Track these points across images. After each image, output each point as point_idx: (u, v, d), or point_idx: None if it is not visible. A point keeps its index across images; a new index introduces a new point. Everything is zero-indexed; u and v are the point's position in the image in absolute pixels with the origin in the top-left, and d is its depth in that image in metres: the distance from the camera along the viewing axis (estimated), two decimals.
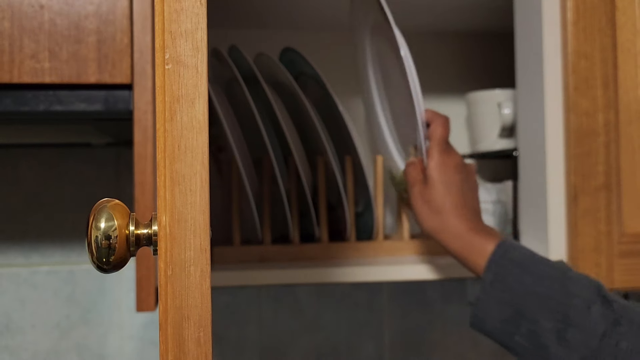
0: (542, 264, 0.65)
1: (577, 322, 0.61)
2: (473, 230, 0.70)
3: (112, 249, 0.37)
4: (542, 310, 0.62)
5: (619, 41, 0.78)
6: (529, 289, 0.63)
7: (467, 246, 0.69)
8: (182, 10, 0.35)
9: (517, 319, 0.63)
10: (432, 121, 0.77)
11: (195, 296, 0.34)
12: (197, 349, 0.34)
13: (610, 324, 0.60)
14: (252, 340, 1.11)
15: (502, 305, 0.64)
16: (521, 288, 0.64)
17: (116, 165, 1.08)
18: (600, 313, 0.60)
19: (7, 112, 0.64)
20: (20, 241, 1.05)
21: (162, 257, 0.34)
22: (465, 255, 0.69)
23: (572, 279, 0.63)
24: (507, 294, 0.64)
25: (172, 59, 0.35)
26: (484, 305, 0.66)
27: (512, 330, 0.64)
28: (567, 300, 0.62)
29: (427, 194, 0.73)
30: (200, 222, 0.34)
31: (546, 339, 0.61)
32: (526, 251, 0.67)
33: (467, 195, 0.73)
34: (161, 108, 0.35)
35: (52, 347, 1.05)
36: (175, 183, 0.34)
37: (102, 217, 0.37)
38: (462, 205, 0.72)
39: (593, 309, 0.61)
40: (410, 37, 1.15)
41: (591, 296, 0.62)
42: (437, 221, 0.71)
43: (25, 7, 0.63)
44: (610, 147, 0.77)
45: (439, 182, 0.72)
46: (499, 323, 0.65)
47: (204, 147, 0.35)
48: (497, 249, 0.67)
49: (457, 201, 0.72)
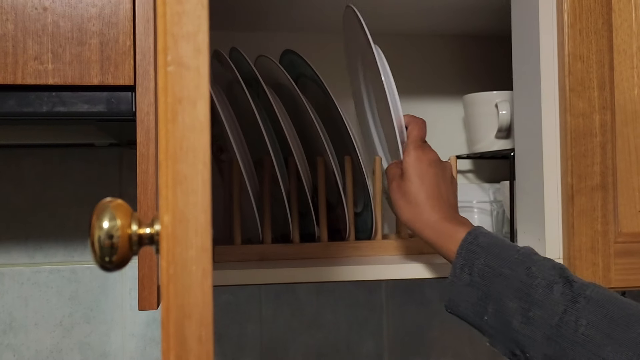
0: (508, 249, 0.68)
1: (539, 301, 0.63)
2: (446, 219, 0.73)
3: (114, 248, 0.37)
4: (507, 291, 0.65)
5: (615, 43, 0.78)
6: (495, 271, 0.66)
7: (440, 234, 0.72)
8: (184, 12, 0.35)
9: (485, 300, 0.66)
10: (409, 123, 0.81)
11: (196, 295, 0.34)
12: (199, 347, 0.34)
13: (570, 301, 0.62)
14: (252, 338, 1.11)
15: (472, 288, 0.67)
16: (488, 271, 0.66)
17: (119, 165, 1.08)
18: (561, 292, 0.63)
19: (10, 113, 0.64)
20: (24, 240, 1.06)
21: (164, 256, 0.34)
22: (439, 243, 0.72)
23: (536, 262, 0.66)
24: (475, 277, 0.67)
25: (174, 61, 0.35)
26: (455, 289, 0.69)
27: (482, 311, 0.67)
28: (530, 281, 0.64)
29: (403, 186, 0.76)
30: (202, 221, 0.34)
31: (511, 318, 0.64)
32: (494, 238, 0.70)
33: (442, 188, 0.76)
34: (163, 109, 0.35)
35: (55, 346, 1.06)
36: (177, 183, 0.34)
37: (105, 216, 0.37)
38: (436, 197, 0.75)
39: (555, 289, 0.63)
40: (409, 39, 1.15)
41: (554, 277, 0.64)
42: (413, 212, 0.75)
43: (29, 10, 0.63)
44: (607, 147, 0.78)
45: (414, 175, 0.76)
46: (470, 305, 0.68)
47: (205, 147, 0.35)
48: (467, 235, 0.70)
49: (431, 193, 0.75)
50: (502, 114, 0.97)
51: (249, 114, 0.85)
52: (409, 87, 1.15)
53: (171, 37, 0.35)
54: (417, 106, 1.15)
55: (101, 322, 1.07)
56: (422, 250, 0.89)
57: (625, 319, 0.61)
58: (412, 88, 1.15)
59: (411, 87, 1.15)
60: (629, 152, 0.78)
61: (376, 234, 0.89)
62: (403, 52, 1.15)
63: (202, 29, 0.35)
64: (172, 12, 0.35)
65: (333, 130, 0.90)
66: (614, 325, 0.60)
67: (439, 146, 1.12)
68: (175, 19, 0.35)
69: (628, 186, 0.78)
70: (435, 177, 0.76)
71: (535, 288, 0.64)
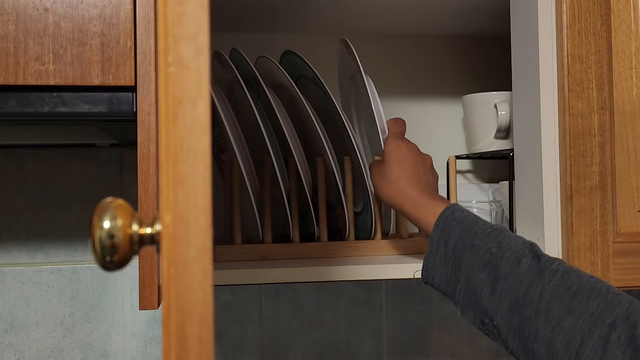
0: (481, 223, 0.70)
1: (508, 273, 0.66)
2: (425, 194, 0.76)
3: (115, 247, 0.37)
4: (478, 263, 0.67)
5: (614, 43, 0.79)
6: (467, 244, 0.69)
7: (419, 207, 0.75)
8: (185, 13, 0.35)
9: (457, 271, 0.69)
10: (390, 123, 0.85)
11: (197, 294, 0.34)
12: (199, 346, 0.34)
13: (536, 274, 0.65)
14: (252, 338, 1.12)
15: (447, 259, 0.70)
16: (461, 243, 0.69)
17: (119, 165, 1.09)
18: (529, 265, 0.65)
19: (12, 113, 0.64)
20: (25, 240, 1.06)
21: (165, 256, 0.34)
22: (418, 215, 0.75)
23: (507, 237, 0.68)
24: (450, 248, 0.70)
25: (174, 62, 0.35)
26: (432, 260, 0.71)
27: (455, 282, 0.69)
28: (500, 253, 0.67)
29: (383, 169, 0.80)
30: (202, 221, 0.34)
31: (481, 288, 0.67)
32: (470, 214, 0.72)
33: (421, 171, 0.80)
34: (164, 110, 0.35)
35: (56, 345, 1.06)
36: (178, 183, 0.34)
37: (106, 216, 0.37)
38: (416, 176, 0.78)
39: (523, 262, 0.66)
40: (409, 40, 1.16)
41: (523, 252, 0.67)
42: (393, 188, 0.78)
43: (30, 10, 0.64)
44: (605, 147, 0.78)
45: (394, 159, 0.79)
46: (444, 276, 0.70)
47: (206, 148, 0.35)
48: (445, 210, 0.72)
49: (411, 173, 0.78)
50: (501, 115, 0.97)
51: (249, 114, 0.85)
52: (409, 87, 1.16)
53: (172, 38, 0.35)
54: (417, 106, 1.16)
55: (102, 321, 1.08)
56: (422, 250, 0.89)
57: (587, 291, 0.63)
58: (412, 88, 1.16)
59: (411, 88, 1.16)
60: (628, 152, 0.79)
61: (376, 234, 0.89)
62: (403, 52, 1.16)
63: (202, 30, 0.35)
64: (173, 13, 0.35)
65: (333, 131, 0.91)
66: (575, 297, 0.62)
67: (438, 146, 1.13)
68: (176, 20, 0.35)
69: (627, 186, 0.78)
70: (414, 162, 0.80)
71: (504, 260, 0.66)
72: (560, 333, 0.61)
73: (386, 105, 1.13)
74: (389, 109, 1.14)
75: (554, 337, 0.62)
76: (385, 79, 1.14)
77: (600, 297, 0.62)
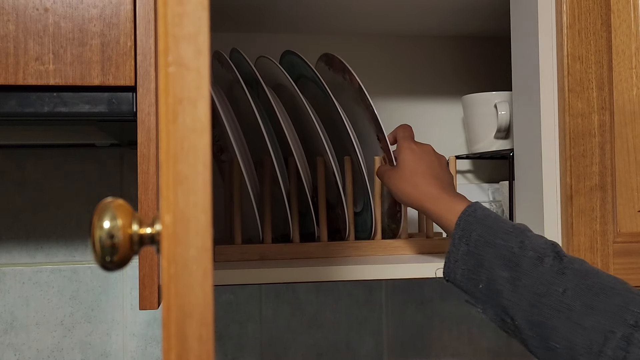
0: (503, 223, 0.71)
1: (529, 272, 0.66)
2: (444, 192, 0.76)
3: (115, 247, 0.37)
4: (500, 261, 0.68)
5: (614, 43, 0.79)
6: (489, 242, 0.69)
7: (440, 205, 0.75)
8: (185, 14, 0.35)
9: (479, 269, 0.69)
10: (396, 131, 0.86)
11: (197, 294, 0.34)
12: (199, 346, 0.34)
13: (557, 273, 0.65)
14: (252, 338, 1.12)
15: (468, 257, 0.70)
16: (482, 242, 0.69)
17: (120, 165, 1.09)
18: (550, 264, 0.65)
19: (12, 113, 0.64)
20: (25, 240, 1.07)
21: (165, 256, 0.34)
22: (439, 213, 0.75)
23: (529, 236, 0.69)
24: (471, 247, 0.70)
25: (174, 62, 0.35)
26: (453, 258, 0.71)
27: (476, 280, 0.69)
28: (522, 252, 0.67)
29: (398, 171, 0.80)
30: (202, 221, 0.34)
31: (502, 287, 0.67)
32: (491, 213, 0.72)
33: (438, 170, 0.80)
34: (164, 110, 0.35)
35: (56, 345, 1.07)
36: (178, 183, 0.34)
37: (106, 216, 0.37)
38: (433, 175, 0.78)
39: (545, 261, 0.66)
40: (409, 40, 1.16)
41: (545, 251, 0.67)
42: (411, 188, 0.78)
43: (30, 10, 0.64)
44: (605, 148, 0.78)
45: (409, 161, 0.80)
46: (466, 274, 0.70)
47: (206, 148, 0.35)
48: (466, 208, 0.72)
49: (428, 172, 0.78)
50: (501, 115, 0.97)
51: (249, 114, 0.85)
52: (409, 87, 1.16)
53: (172, 38, 0.35)
54: (417, 106, 1.16)
55: (102, 321, 1.08)
56: (422, 250, 0.89)
57: (607, 291, 0.63)
58: (411, 88, 1.16)
59: (411, 88, 1.16)
60: (628, 152, 0.79)
61: (376, 234, 0.89)
62: (403, 52, 1.16)
63: (202, 30, 0.35)
64: (173, 14, 0.35)
65: (333, 131, 0.91)
66: (595, 296, 0.63)
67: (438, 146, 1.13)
68: (176, 20, 0.35)
69: (627, 186, 0.78)
70: (431, 162, 0.80)
71: (526, 259, 0.66)
72: (582, 333, 0.61)
73: (386, 105, 1.13)
74: (389, 109, 1.14)
75: (575, 337, 0.62)
76: (385, 79, 1.15)
77: (621, 296, 0.62)
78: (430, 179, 0.78)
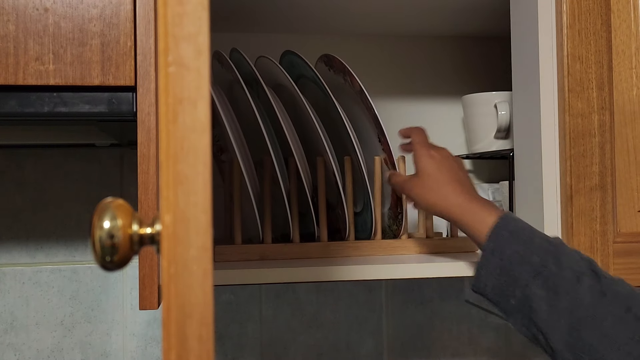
0: (538, 238, 0.69)
1: (567, 292, 0.65)
2: (472, 199, 0.74)
3: (115, 247, 0.37)
4: (536, 280, 0.66)
5: (614, 43, 0.79)
6: (524, 259, 0.67)
7: (469, 214, 0.73)
8: (185, 14, 0.35)
9: (513, 285, 0.68)
10: (411, 133, 0.83)
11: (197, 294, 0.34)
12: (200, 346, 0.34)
13: (597, 294, 0.64)
14: (252, 338, 1.12)
15: (501, 271, 0.68)
16: (517, 257, 0.68)
17: (120, 165, 1.09)
18: (589, 285, 0.64)
19: (12, 113, 0.65)
20: (25, 240, 1.07)
21: (165, 256, 0.34)
22: (469, 223, 0.73)
23: (565, 253, 0.67)
24: (505, 262, 0.68)
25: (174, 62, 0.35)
26: (485, 270, 0.70)
27: (509, 295, 0.68)
28: (559, 271, 0.66)
29: (421, 179, 0.78)
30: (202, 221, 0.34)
31: (538, 305, 0.66)
32: (525, 225, 0.71)
33: (460, 175, 0.78)
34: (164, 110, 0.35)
35: (56, 345, 1.07)
36: (178, 183, 0.34)
37: (106, 216, 0.37)
38: (458, 182, 0.77)
39: (582, 281, 0.65)
40: (409, 40, 1.16)
41: (582, 269, 0.66)
42: (437, 196, 0.77)
43: (30, 10, 0.64)
44: (605, 148, 0.78)
45: (430, 168, 0.78)
46: (498, 287, 0.69)
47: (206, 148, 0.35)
48: (499, 221, 0.71)
49: (452, 178, 0.77)
50: (501, 115, 0.97)
51: (249, 114, 0.85)
52: (409, 87, 1.16)
53: (172, 38, 0.35)
54: (417, 106, 1.16)
55: (102, 321, 1.08)
56: (422, 250, 0.89)
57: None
58: (411, 88, 1.16)
59: (411, 88, 1.16)
60: (628, 152, 0.79)
61: (376, 234, 0.89)
62: (403, 52, 1.16)
63: (202, 30, 0.35)
64: (173, 14, 0.35)
65: (333, 131, 0.91)
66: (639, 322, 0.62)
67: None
68: (176, 20, 0.35)
69: (627, 186, 0.78)
70: (452, 166, 0.78)
71: (564, 279, 0.65)
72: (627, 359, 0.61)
73: (386, 105, 1.13)
74: (389, 109, 1.14)
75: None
76: (385, 79, 1.15)
77: None
78: (456, 187, 0.76)
